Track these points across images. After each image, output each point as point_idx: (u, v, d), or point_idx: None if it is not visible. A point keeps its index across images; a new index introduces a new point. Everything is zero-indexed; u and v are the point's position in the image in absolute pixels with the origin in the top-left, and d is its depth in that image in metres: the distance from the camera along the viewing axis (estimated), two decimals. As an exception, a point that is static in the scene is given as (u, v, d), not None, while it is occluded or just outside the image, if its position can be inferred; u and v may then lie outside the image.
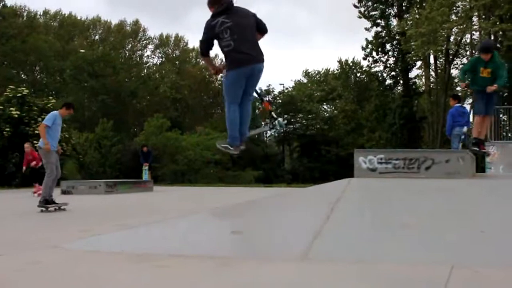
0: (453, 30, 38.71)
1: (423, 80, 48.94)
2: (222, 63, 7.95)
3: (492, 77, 10.58)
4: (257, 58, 7.34)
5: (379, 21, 47.21)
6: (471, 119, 17.79)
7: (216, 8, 7.29)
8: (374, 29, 47.40)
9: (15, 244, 6.90)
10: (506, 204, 6.68)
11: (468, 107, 30.25)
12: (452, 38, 40.82)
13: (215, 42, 7.34)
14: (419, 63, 46.94)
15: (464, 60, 46.84)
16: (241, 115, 7.56)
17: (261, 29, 7.59)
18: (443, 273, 4.67)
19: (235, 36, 7.15)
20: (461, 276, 4.65)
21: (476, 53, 15.86)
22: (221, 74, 7.94)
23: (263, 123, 30.42)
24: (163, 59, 69.19)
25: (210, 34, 7.25)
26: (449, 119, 15.37)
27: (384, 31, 47.28)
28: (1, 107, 29.38)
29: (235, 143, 7.56)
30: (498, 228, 5.96)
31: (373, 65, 49.34)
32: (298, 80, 67.54)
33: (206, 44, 7.40)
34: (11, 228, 8.96)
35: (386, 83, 49.30)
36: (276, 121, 8.33)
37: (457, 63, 46.41)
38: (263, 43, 7.54)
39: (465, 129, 15.33)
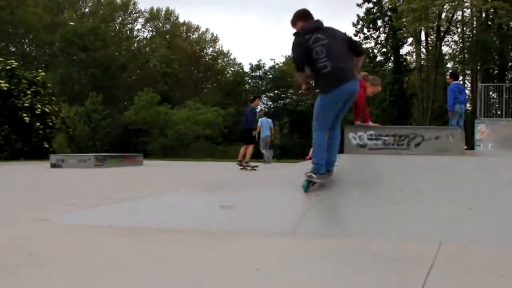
0: (445, 6, 38.67)
1: (414, 56, 48.98)
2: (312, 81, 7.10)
3: None
4: (353, 79, 6.79)
5: (370, -3, 47.05)
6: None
7: (309, 23, 6.74)
8: (366, 5, 47.33)
9: (1, 217, 6.85)
10: (494, 181, 6.72)
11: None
12: (443, 15, 40.78)
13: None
14: (410, 40, 47.05)
15: (455, 38, 46.95)
16: (330, 141, 7.15)
17: (357, 51, 7.06)
18: (430, 249, 4.70)
19: (331, 56, 6.49)
20: (449, 252, 4.69)
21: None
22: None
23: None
24: (154, 33, 68.69)
25: (304, 48, 6.56)
26: (450, 96, 15.02)
27: (376, 7, 47.15)
28: (-11, 80, 29.07)
29: (320, 171, 6.75)
30: (486, 205, 6.00)
31: (364, 42, 49.30)
32: (289, 55, 67.28)
33: (303, 58, 6.65)
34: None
35: (377, 59, 49.27)
36: None
37: (448, 40, 46.49)
38: (254, 18, 7.31)
39: (463, 107, 15.34)
